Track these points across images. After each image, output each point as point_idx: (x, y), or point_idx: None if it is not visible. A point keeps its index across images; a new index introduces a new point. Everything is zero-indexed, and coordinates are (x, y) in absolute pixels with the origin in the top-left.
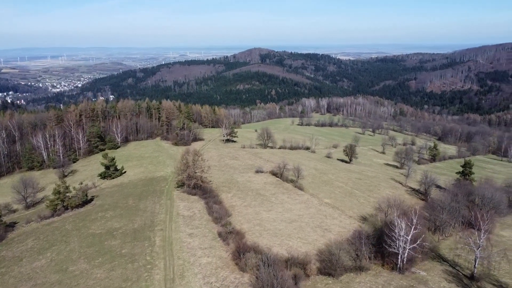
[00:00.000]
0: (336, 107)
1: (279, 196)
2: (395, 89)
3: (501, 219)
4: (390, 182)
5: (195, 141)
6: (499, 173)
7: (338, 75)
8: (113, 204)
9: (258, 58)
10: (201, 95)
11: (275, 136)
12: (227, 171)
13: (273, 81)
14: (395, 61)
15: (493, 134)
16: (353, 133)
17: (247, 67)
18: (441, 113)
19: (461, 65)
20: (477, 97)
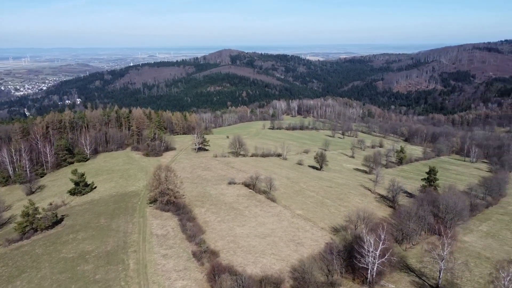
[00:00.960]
0: (306, 109)
1: (252, 209)
2: (363, 89)
3: (464, 223)
4: (359, 189)
5: (166, 151)
6: (462, 175)
7: (308, 76)
8: (84, 224)
9: (228, 60)
10: (171, 98)
11: (247, 143)
12: (200, 183)
13: (244, 83)
14: (363, 62)
15: (456, 135)
16: (323, 136)
17: (218, 69)
18: (408, 114)
19: (426, 65)
20: (441, 97)
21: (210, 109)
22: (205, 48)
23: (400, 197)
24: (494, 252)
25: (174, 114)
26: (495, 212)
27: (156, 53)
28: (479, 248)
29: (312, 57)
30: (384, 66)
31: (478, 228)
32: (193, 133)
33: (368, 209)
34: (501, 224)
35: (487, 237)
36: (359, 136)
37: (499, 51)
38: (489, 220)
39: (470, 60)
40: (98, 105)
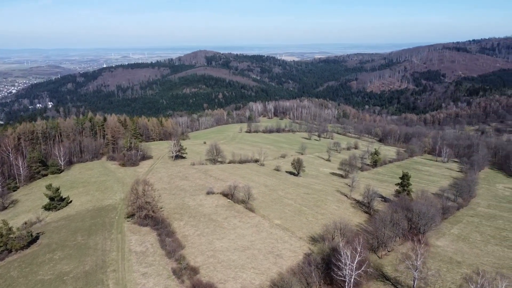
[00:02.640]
0: (282, 110)
1: (231, 221)
2: (338, 89)
3: (437, 227)
4: (336, 195)
5: (143, 160)
6: (434, 175)
7: (283, 77)
8: (61, 243)
9: (204, 61)
10: (147, 101)
11: (224, 149)
12: (178, 194)
13: (219, 84)
14: (337, 62)
15: (428, 135)
16: (299, 138)
17: (193, 70)
18: (381, 114)
19: (398, 65)
20: (413, 97)
21: (187, 111)
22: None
23: (375, 203)
24: (465, 256)
25: (150, 120)
26: (466, 214)
27: (129, 54)
28: (451, 252)
29: (288, 57)
30: (358, 66)
31: (450, 231)
32: (170, 139)
33: (344, 218)
34: (471, 226)
35: (458, 241)
36: (334, 138)
37: (467, 51)
38: (460, 223)
39: (440, 60)
40: (70, 109)
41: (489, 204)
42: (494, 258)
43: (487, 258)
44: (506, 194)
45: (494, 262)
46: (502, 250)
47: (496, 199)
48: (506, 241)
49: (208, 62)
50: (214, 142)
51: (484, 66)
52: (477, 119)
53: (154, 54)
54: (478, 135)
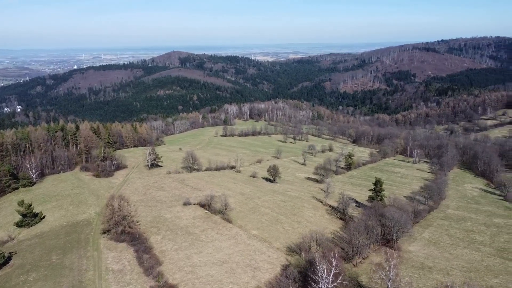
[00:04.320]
0: (258, 112)
1: (209, 233)
2: (312, 90)
3: (408, 232)
4: (311, 202)
5: (118, 169)
6: (406, 177)
7: (258, 78)
8: (35, 263)
9: (177, 62)
10: (120, 103)
11: (200, 155)
12: (155, 206)
13: (194, 86)
14: (311, 62)
15: (400, 136)
16: (275, 141)
17: (167, 72)
18: (355, 114)
19: (370, 65)
20: (385, 97)
21: (161, 114)
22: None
23: (350, 209)
24: (435, 261)
25: (124, 126)
26: (436, 217)
27: (101, 54)
28: (422, 257)
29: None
30: (331, 66)
31: (422, 235)
32: (145, 145)
33: (320, 225)
34: (442, 229)
35: (430, 245)
36: (310, 140)
37: (436, 51)
38: (431, 226)
39: (410, 60)
40: (40, 114)
41: (458, 206)
42: (463, 262)
43: (457, 262)
44: (474, 194)
45: (463, 265)
46: (470, 253)
47: (464, 200)
48: (474, 244)
49: (182, 63)
50: (190, 150)
51: (452, 66)
52: (446, 118)
53: (127, 55)
54: (447, 135)
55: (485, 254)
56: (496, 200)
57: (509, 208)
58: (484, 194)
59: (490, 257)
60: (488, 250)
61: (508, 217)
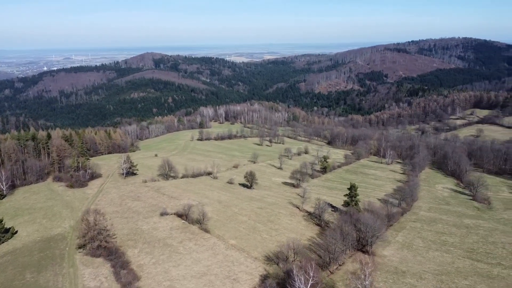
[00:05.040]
0: (233, 115)
1: (187, 244)
2: (287, 91)
3: (382, 237)
4: (288, 208)
5: (92, 179)
6: (379, 179)
7: (233, 79)
8: (8, 283)
9: (151, 63)
10: (92, 106)
11: (176, 161)
12: (131, 217)
13: (169, 88)
14: (286, 63)
15: (373, 137)
16: (251, 145)
17: (141, 74)
18: (329, 115)
19: (343, 66)
20: (358, 98)
21: (135, 118)
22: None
23: (326, 215)
24: (409, 264)
25: (98, 133)
26: (409, 219)
27: (72, 55)
28: (396, 262)
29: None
30: (306, 67)
31: (395, 239)
32: (120, 152)
33: (297, 232)
34: (414, 232)
35: (403, 249)
36: (285, 142)
37: (407, 52)
38: (404, 229)
39: (382, 61)
40: (9, 119)
41: (430, 207)
42: (435, 265)
43: (429, 265)
44: (444, 195)
45: (435, 269)
46: (441, 255)
47: (436, 201)
48: (445, 245)
49: (156, 65)
50: (166, 156)
51: (422, 66)
52: (417, 118)
53: (99, 55)
54: (419, 135)
55: (455, 256)
56: (466, 200)
57: (478, 208)
58: (455, 195)
59: (460, 258)
60: (458, 251)
61: (477, 217)
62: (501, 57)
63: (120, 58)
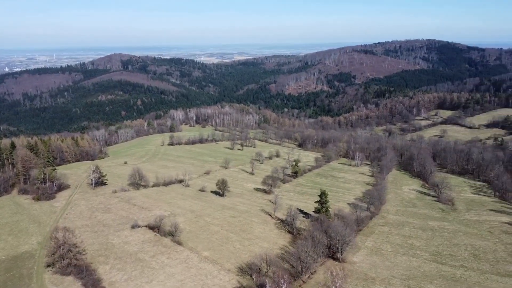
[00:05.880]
0: (204, 118)
1: (159, 258)
2: (258, 92)
3: (352, 243)
4: (261, 215)
5: (60, 190)
6: (349, 182)
7: (203, 81)
8: None
9: (119, 65)
10: (58, 110)
11: (146, 168)
12: (101, 231)
13: (138, 90)
14: (256, 64)
15: (342, 140)
16: (223, 149)
17: (108, 75)
18: (299, 117)
19: (313, 67)
20: (328, 99)
21: (103, 121)
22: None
23: (298, 222)
24: (378, 270)
25: (65, 140)
26: (377, 223)
27: (35, 56)
28: (366, 268)
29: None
30: (276, 68)
31: (365, 244)
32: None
33: (270, 242)
34: (383, 237)
35: (372, 254)
36: (257, 145)
37: (374, 53)
38: (373, 234)
39: (350, 62)
40: None
41: (397, 210)
42: (403, 269)
43: (397, 270)
44: (411, 197)
45: (402, 273)
46: (409, 259)
47: (403, 203)
48: (412, 249)
49: (124, 66)
50: (136, 164)
51: (389, 67)
52: (384, 119)
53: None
54: (386, 136)
55: (422, 260)
56: (431, 201)
57: (442, 209)
58: (421, 196)
59: (426, 262)
60: (424, 255)
61: (441, 219)
62: (462, 58)
63: (87, 59)
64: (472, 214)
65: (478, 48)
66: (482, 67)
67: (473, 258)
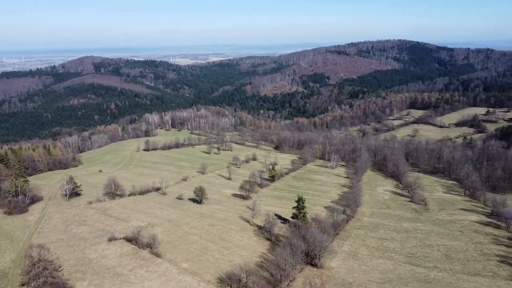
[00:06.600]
0: (180, 121)
1: (138, 272)
2: (233, 94)
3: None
4: (239, 223)
5: (33, 203)
6: (325, 185)
7: (178, 83)
8: None
9: (91, 68)
10: (28, 115)
11: (122, 176)
12: (77, 245)
13: (111, 93)
14: (231, 66)
15: (318, 141)
16: (200, 153)
17: (80, 78)
18: (275, 118)
19: (287, 68)
20: (303, 100)
21: (76, 126)
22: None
23: (276, 228)
24: (355, 275)
25: (36, 149)
26: (354, 226)
27: (2, 58)
28: (343, 273)
29: (181, 59)
30: (251, 70)
31: (342, 248)
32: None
33: (248, 251)
34: (359, 240)
35: (349, 258)
36: (233, 149)
37: (347, 54)
38: (350, 237)
39: (324, 63)
40: None
41: (372, 212)
42: (379, 273)
43: (373, 273)
44: (385, 198)
45: (378, 277)
46: (384, 262)
47: (378, 205)
48: (387, 252)
49: (96, 69)
50: (112, 173)
51: (361, 68)
52: (358, 120)
53: (33, 58)
54: (360, 137)
55: (396, 262)
56: (405, 202)
57: (415, 210)
58: (394, 197)
59: (401, 264)
60: (399, 257)
61: (415, 220)
62: (432, 58)
63: (57, 62)
64: (444, 214)
65: (447, 48)
66: (451, 66)
67: (445, 259)
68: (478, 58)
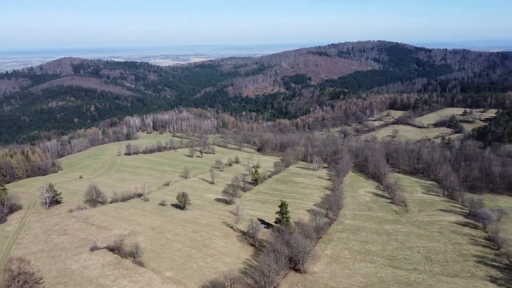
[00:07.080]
0: (162, 124)
1: (121, 282)
2: (215, 95)
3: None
4: (222, 228)
5: (11, 212)
6: (307, 187)
7: (160, 84)
8: None
9: (70, 69)
10: (5, 118)
11: (103, 182)
12: (58, 256)
13: (91, 96)
14: (213, 67)
15: (300, 143)
16: (182, 157)
17: (59, 80)
18: (258, 120)
19: (269, 69)
20: (285, 101)
21: (55, 130)
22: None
23: (260, 234)
24: (338, 279)
25: (14, 156)
26: (336, 229)
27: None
28: (326, 278)
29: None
30: (233, 71)
31: (324, 252)
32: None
33: (232, 257)
34: (341, 243)
35: (332, 262)
36: (216, 151)
37: (328, 55)
38: (332, 241)
39: (305, 64)
40: None
41: (354, 215)
42: (361, 277)
43: (356, 277)
44: (367, 200)
45: (361, 281)
46: (366, 266)
47: (359, 207)
48: (369, 255)
49: (75, 71)
50: (93, 180)
51: (342, 68)
52: (340, 121)
53: (9, 59)
54: (342, 138)
55: (378, 265)
56: (386, 203)
57: (396, 211)
58: (376, 199)
59: (382, 267)
60: (380, 260)
61: (395, 222)
62: (411, 58)
63: (35, 63)
64: (424, 215)
65: (425, 49)
66: (429, 67)
67: (425, 261)
68: (455, 59)
